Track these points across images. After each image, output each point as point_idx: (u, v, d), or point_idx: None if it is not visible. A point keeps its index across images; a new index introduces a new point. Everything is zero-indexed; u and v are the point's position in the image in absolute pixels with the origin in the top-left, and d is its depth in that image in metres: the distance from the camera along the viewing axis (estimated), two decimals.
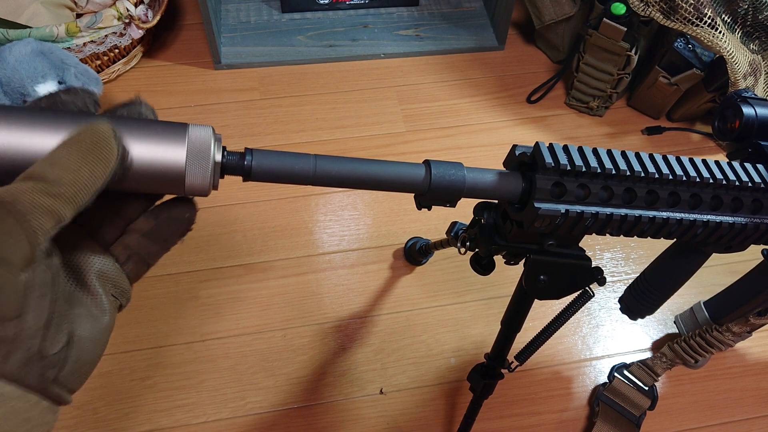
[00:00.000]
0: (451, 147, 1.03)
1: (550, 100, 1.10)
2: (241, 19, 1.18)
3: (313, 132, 1.04)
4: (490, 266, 0.52)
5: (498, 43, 1.18)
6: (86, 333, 0.26)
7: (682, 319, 0.84)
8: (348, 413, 0.77)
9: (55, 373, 0.24)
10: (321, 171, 0.32)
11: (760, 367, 0.84)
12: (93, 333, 0.26)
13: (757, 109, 0.48)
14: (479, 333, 0.84)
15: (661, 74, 1.00)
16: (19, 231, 0.22)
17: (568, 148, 0.38)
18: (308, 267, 0.88)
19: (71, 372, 0.25)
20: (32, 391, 0.23)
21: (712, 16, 0.89)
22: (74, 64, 0.91)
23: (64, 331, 0.25)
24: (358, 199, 0.95)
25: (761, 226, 0.44)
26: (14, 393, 0.23)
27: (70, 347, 0.25)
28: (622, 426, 0.76)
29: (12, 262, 0.22)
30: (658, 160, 0.40)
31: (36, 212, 0.23)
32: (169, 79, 1.09)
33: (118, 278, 0.29)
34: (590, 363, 0.83)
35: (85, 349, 0.26)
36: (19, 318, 0.23)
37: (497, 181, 0.37)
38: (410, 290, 0.87)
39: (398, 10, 1.22)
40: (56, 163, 0.24)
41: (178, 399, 0.77)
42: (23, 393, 0.23)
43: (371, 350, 0.82)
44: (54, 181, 0.23)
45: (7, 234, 0.22)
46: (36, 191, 0.23)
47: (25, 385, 0.23)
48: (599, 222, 0.39)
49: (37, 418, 0.24)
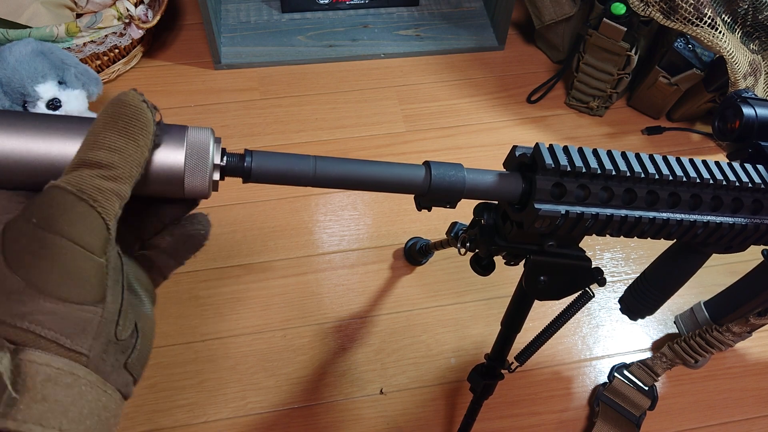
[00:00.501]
0: (451, 147, 1.03)
1: (550, 100, 1.10)
2: (241, 19, 1.18)
3: (313, 132, 1.04)
4: (490, 267, 0.52)
5: (498, 43, 1.18)
6: (141, 324, 0.27)
7: (682, 319, 0.84)
8: (348, 413, 0.77)
9: (125, 359, 0.25)
10: (321, 172, 0.32)
11: (760, 367, 0.84)
12: (145, 326, 0.27)
13: (757, 109, 0.48)
14: (479, 333, 0.84)
15: (661, 74, 1.00)
16: (95, 215, 0.23)
17: (568, 149, 0.38)
18: (308, 267, 0.88)
19: (136, 359, 0.26)
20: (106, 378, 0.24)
21: (712, 16, 0.89)
22: (74, 64, 0.91)
23: (130, 318, 0.25)
24: (358, 199, 0.95)
25: (761, 227, 0.44)
26: (88, 376, 0.23)
27: (135, 335, 0.26)
28: (622, 426, 0.76)
29: (92, 246, 0.23)
30: (658, 160, 0.40)
31: (102, 197, 0.23)
32: (169, 79, 1.09)
33: (148, 284, 0.30)
34: (590, 363, 0.83)
35: (144, 339, 0.27)
36: (102, 303, 0.24)
37: (497, 182, 0.37)
38: (410, 290, 0.87)
39: (398, 10, 1.22)
40: (103, 145, 0.24)
41: (178, 399, 0.77)
42: (97, 378, 0.24)
43: (371, 350, 0.82)
44: (108, 164, 0.24)
45: (83, 219, 0.23)
46: (96, 176, 0.24)
47: (102, 370, 0.24)
48: (599, 223, 0.39)
49: (107, 406, 0.24)
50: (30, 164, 0.25)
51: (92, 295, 0.23)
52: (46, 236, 0.22)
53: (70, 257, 0.23)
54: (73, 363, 0.23)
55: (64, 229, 0.22)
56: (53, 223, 0.22)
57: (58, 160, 0.26)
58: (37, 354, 0.22)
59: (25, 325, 0.22)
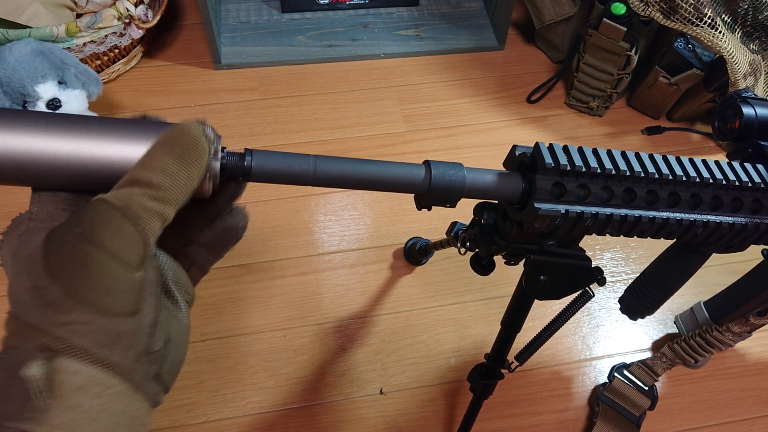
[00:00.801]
0: (451, 147, 1.03)
1: (550, 100, 1.10)
2: (241, 19, 1.18)
3: (313, 132, 1.04)
4: (490, 266, 0.52)
5: (498, 43, 1.18)
6: (175, 333, 0.27)
7: (682, 319, 0.84)
8: (348, 413, 0.77)
9: (157, 370, 0.26)
10: (321, 172, 0.32)
11: (760, 367, 0.84)
12: (179, 334, 0.28)
13: (757, 109, 0.48)
14: (479, 333, 0.84)
15: (661, 74, 1.00)
16: (135, 233, 0.24)
17: (568, 149, 0.38)
18: (308, 267, 0.88)
19: (168, 370, 0.27)
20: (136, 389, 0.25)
21: (712, 16, 0.89)
22: (74, 64, 0.91)
23: (163, 329, 0.26)
24: (358, 199, 0.95)
25: (761, 226, 0.44)
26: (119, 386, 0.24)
27: (167, 346, 0.26)
28: (622, 426, 0.76)
29: (130, 261, 0.24)
30: (658, 160, 0.40)
31: (146, 215, 0.24)
32: (169, 79, 1.09)
33: (187, 285, 0.30)
34: (590, 363, 0.83)
35: (177, 348, 0.27)
36: (136, 315, 0.24)
37: (497, 181, 0.37)
38: (410, 290, 0.87)
39: (398, 10, 1.22)
40: (157, 167, 0.25)
41: (178, 399, 0.77)
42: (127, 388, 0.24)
43: (371, 350, 0.82)
44: (158, 185, 0.25)
45: (124, 236, 0.24)
46: (144, 196, 0.24)
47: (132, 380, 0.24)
48: (599, 222, 0.39)
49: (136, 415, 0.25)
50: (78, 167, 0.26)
51: (127, 308, 0.24)
52: (88, 248, 0.23)
53: (108, 270, 0.23)
54: (105, 373, 0.23)
55: (106, 243, 0.23)
56: (95, 236, 0.23)
57: (108, 164, 0.26)
58: (69, 362, 0.22)
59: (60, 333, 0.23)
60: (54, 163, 0.26)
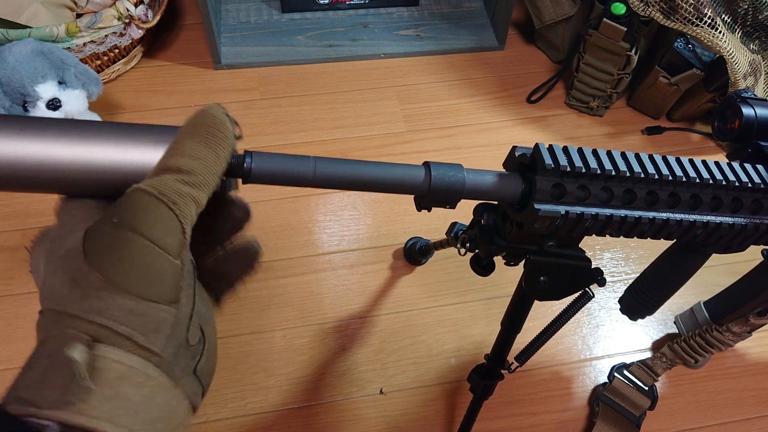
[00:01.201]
0: (451, 147, 1.03)
1: (550, 100, 1.10)
2: (241, 19, 1.18)
3: (313, 132, 1.04)
4: (490, 267, 0.52)
5: (498, 43, 1.18)
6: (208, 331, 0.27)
7: (682, 319, 0.84)
8: (348, 413, 0.77)
9: (194, 365, 0.25)
10: (320, 173, 0.32)
11: (760, 367, 0.84)
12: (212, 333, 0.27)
13: (756, 109, 0.48)
14: (479, 333, 0.84)
15: (661, 74, 1.00)
16: (173, 218, 0.24)
17: (568, 149, 0.38)
18: (308, 267, 0.88)
19: (204, 367, 0.26)
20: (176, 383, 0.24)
21: (712, 16, 0.89)
22: (74, 64, 0.91)
23: (198, 324, 0.26)
24: (358, 199, 0.95)
25: (761, 227, 0.44)
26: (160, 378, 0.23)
27: (201, 342, 0.26)
28: (622, 426, 0.76)
29: (170, 247, 0.23)
30: (657, 160, 0.40)
31: (181, 201, 0.24)
32: (169, 79, 1.09)
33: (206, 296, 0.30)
34: (590, 363, 0.83)
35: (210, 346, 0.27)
36: (176, 304, 0.24)
37: (497, 182, 0.37)
38: (410, 290, 0.87)
39: (398, 10, 1.22)
40: (185, 153, 0.25)
41: None
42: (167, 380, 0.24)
43: (371, 350, 0.82)
44: (189, 170, 0.24)
45: (163, 221, 0.23)
46: (177, 181, 0.24)
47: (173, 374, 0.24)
48: (599, 223, 0.39)
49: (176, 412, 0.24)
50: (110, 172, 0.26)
51: (167, 294, 0.23)
52: (127, 235, 0.23)
53: (148, 256, 0.23)
54: (146, 362, 0.23)
55: (144, 229, 0.23)
56: (134, 223, 0.23)
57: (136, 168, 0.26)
58: (111, 350, 0.22)
59: (101, 320, 0.22)
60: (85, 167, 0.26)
